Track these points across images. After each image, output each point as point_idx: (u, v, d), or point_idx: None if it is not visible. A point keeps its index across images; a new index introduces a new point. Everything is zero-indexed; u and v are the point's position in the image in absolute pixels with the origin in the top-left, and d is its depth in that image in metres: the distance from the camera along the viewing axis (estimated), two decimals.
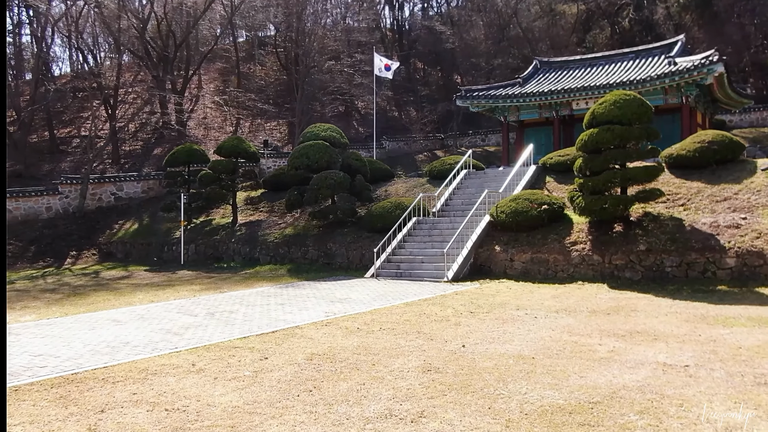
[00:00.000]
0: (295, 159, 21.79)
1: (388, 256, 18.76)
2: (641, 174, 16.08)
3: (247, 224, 24.97)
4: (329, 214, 21.55)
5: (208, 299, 14.60)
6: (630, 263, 15.68)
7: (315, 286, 16.67)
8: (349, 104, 45.83)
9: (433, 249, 18.44)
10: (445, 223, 19.61)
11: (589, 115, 16.98)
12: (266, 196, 27.40)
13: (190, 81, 52.85)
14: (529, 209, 17.70)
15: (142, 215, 29.66)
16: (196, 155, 27.19)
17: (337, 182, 21.16)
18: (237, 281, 18.55)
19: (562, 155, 21.40)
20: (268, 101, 48.38)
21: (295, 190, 22.47)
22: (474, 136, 45.64)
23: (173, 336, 10.16)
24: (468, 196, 21.38)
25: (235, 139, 25.80)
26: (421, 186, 23.94)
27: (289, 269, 20.75)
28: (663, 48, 28.64)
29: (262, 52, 56.60)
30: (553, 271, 16.63)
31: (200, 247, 24.76)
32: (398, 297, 14.18)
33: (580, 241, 16.79)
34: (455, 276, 16.87)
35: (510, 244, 17.69)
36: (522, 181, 20.82)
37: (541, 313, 11.76)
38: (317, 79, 40.84)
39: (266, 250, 22.68)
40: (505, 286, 15.61)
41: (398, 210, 20.47)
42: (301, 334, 10.18)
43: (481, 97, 29.45)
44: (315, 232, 22.35)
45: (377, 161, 26.95)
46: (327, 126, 23.04)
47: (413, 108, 49.58)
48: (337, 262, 20.76)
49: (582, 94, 27.06)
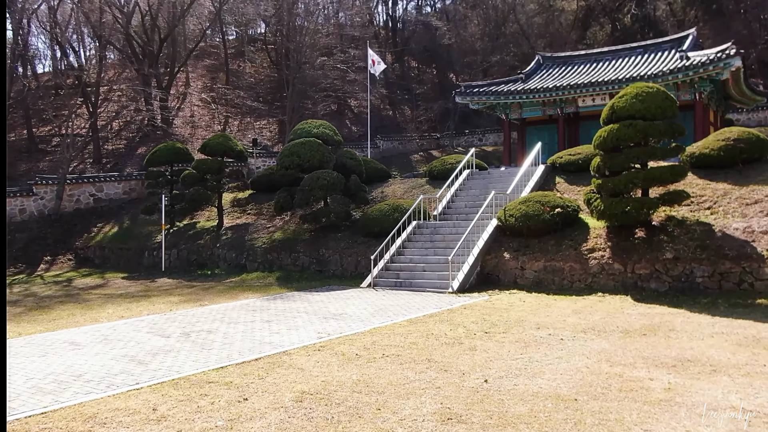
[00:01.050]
0: (284, 158, 20.17)
1: (387, 264, 17.19)
2: (666, 174, 14.57)
3: (234, 228, 23.32)
4: (322, 218, 19.94)
5: (185, 315, 12.95)
6: (655, 273, 14.16)
7: (306, 297, 15.05)
8: (342, 102, 44.21)
9: (436, 256, 16.87)
10: (447, 228, 18.05)
11: (607, 109, 15.46)
12: (254, 198, 25.75)
13: (178, 78, 51.16)
14: (540, 212, 16.16)
15: (123, 218, 27.93)
16: (180, 154, 25.51)
17: (331, 183, 19.56)
18: (220, 291, 16.90)
19: (573, 154, 19.89)
20: (257, 99, 46.70)
21: (284, 192, 20.85)
22: (471, 135, 44.12)
23: (137, 366, 8.53)
24: (472, 198, 19.83)
25: (221, 137, 24.15)
26: (420, 187, 22.36)
27: (279, 277, 19.11)
28: (673, 42, 27.21)
29: (252, 49, 54.87)
30: (569, 281, 15.10)
31: (183, 253, 23.07)
32: (400, 312, 12.59)
33: (598, 247, 15.26)
34: (461, 286, 15.31)
35: (520, 251, 16.14)
36: (530, 182, 19.29)
37: (566, 334, 10.21)
38: (309, 75, 39.21)
39: (254, 256, 21.03)
40: (518, 299, 14.05)
41: (396, 213, 18.90)
42: (290, 363, 8.57)
43: (481, 94, 27.91)
44: (306, 236, 20.73)
45: (373, 160, 25.36)
46: (319, 122, 21.44)
47: (408, 106, 48.03)
48: (330, 270, 19.15)
49: (589, 90, 25.56)
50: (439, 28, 45.09)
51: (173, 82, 48.88)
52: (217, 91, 46.81)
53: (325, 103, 41.69)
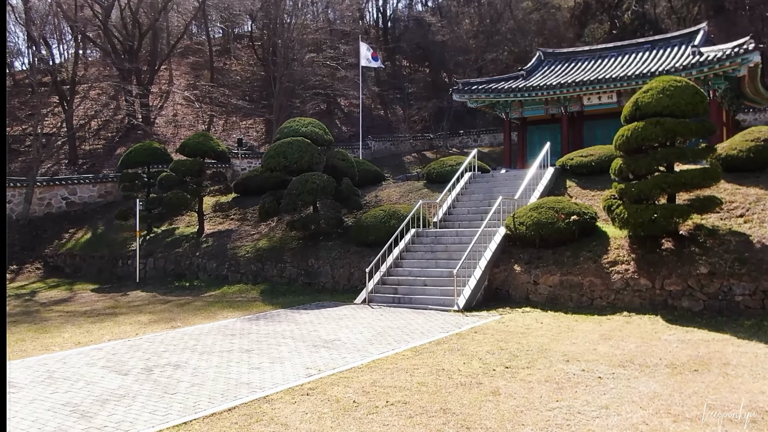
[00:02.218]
0: (270, 159, 18.41)
1: (383, 277, 15.48)
2: (699, 178, 12.97)
3: (215, 234, 21.52)
4: (311, 224, 18.21)
5: (152, 341, 11.17)
6: (688, 290, 12.55)
7: (293, 317, 13.31)
8: (331, 100, 42.44)
9: (438, 268, 15.18)
10: (449, 236, 16.37)
11: (630, 106, 13.85)
12: (238, 202, 23.96)
13: (161, 76, 49.22)
14: (554, 220, 14.53)
15: (97, 223, 26.03)
16: (157, 155, 23.69)
17: (321, 187, 17.84)
18: (197, 309, 15.11)
19: (585, 155, 18.28)
20: (243, 97, 44.81)
21: (270, 196, 19.10)
22: (465, 136, 42.47)
23: (78, 420, 6.77)
24: (475, 203, 18.18)
25: (201, 136, 22.35)
26: (417, 191, 20.68)
27: (263, 291, 17.36)
28: (683, 38, 25.74)
29: (238, 46, 52.99)
30: (589, 297, 13.46)
31: (159, 262, 21.24)
32: (401, 337, 10.90)
33: (620, 260, 13.63)
34: (467, 304, 13.63)
35: (532, 263, 14.49)
36: (539, 185, 17.66)
37: (603, 369, 8.55)
38: (297, 73, 37.41)
39: (236, 267, 19.25)
40: (534, 319, 12.39)
41: (393, 220, 17.20)
42: (271, 415, 6.86)
43: (480, 91, 26.29)
44: (294, 245, 18.98)
45: (366, 162, 23.67)
46: (308, 120, 19.70)
47: (400, 106, 46.31)
48: (320, 282, 17.42)
49: (595, 87, 24.02)
50: (433, 24, 43.42)
51: (155, 80, 47.04)
52: (202, 89, 44.90)
53: (314, 102, 39.91)
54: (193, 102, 43.37)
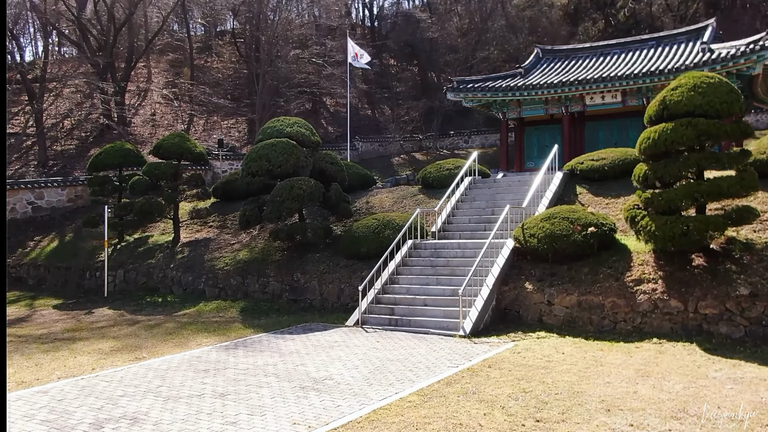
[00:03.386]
0: (251, 162, 16.72)
1: (377, 295, 13.86)
2: (736, 186, 11.49)
3: (192, 244, 19.77)
4: (296, 234, 16.54)
5: (110, 380, 9.45)
6: (726, 313, 11.07)
7: (277, 345, 11.65)
8: (317, 99, 40.72)
9: (440, 285, 13.60)
10: (451, 249, 14.79)
11: (657, 105, 12.35)
12: (218, 207, 22.21)
13: (139, 74, 47.25)
14: (569, 232, 13.00)
15: (65, 230, 24.14)
16: (130, 156, 21.87)
17: (307, 193, 16.19)
18: (168, 333, 13.39)
19: (596, 159, 16.79)
20: (225, 96, 42.97)
21: (251, 203, 17.40)
22: (456, 137, 41.00)
23: None
24: (476, 211, 16.62)
25: (177, 137, 20.57)
26: (412, 196, 19.08)
27: (243, 309, 15.67)
28: (690, 34, 24.41)
29: (220, 43, 51.10)
30: (612, 321, 11.95)
31: (130, 274, 19.46)
32: (404, 374, 9.29)
33: (646, 278, 12.13)
34: (474, 328, 12.06)
35: (545, 281, 12.95)
36: (548, 192, 16.14)
37: (654, 423, 7.02)
38: (282, 69, 35.68)
39: (214, 280, 17.53)
40: (553, 348, 10.84)
41: (388, 230, 15.60)
42: None
43: (477, 90, 24.78)
44: (278, 256, 17.30)
45: (355, 165, 22.04)
46: (293, 120, 18.03)
47: (388, 106, 44.71)
48: (306, 299, 15.76)
49: (600, 86, 22.62)
50: (422, 21, 41.87)
51: (132, 78, 45.07)
52: (181, 87, 43.00)
53: (299, 101, 38.18)
54: (172, 101, 41.47)
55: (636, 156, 16.61)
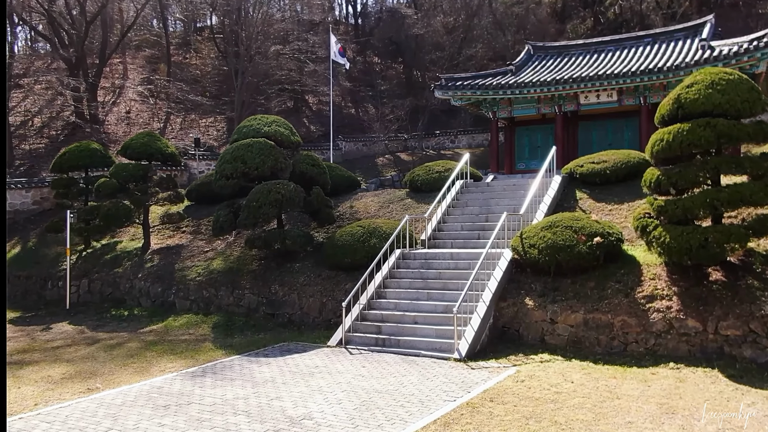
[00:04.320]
0: (225, 164, 15.40)
1: (363, 311, 12.62)
2: (759, 194, 10.39)
3: (163, 251, 18.39)
4: (274, 242, 15.23)
5: (52, 420, 8.11)
6: (751, 335, 9.98)
7: (251, 372, 10.36)
8: (298, 97, 39.34)
9: (431, 301, 12.39)
10: (442, 259, 13.58)
11: (671, 104, 11.24)
12: (192, 211, 20.84)
13: (114, 70, 45.57)
14: (573, 243, 11.85)
15: (29, 235, 22.60)
16: (96, 157, 20.40)
17: (286, 197, 14.90)
18: (129, 355, 12.04)
19: (596, 162, 15.67)
20: (204, 93, 41.42)
21: (225, 208, 16.07)
22: (442, 136, 39.78)
23: None
24: (469, 217, 15.43)
25: (147, 136, 19.16)
26: (399, 201, 17.84)
27: (216, 325, 14.34)
28: (687, 31, 23.44)
29: (199, 38, 49.49)
30: (622, 341, 10.82)
31: (96, 284, 18.04)
32: (394, 410, 8.06)
33: (659, 294, 11.01)
34: (470, 349, 10.86)
35: (548, 297, 11.79)
36: (546, 197, 14.99)
37: None
38: (262, 66, 34.25)
39: (185, 292, 16.18)
40: (559, 374, 9.67)
41: (374, 238, 14.37)
42: None
43: (466, 87, 23.61)
44: (254, 266, 15.99)
45: (338, 167, 20.74)
46: (272, 118, 16.73)
47: (372, 104, 43.43)
48: (285, 314, 14.47)
49: (595, 84, 21.55)
50: (408, 17, 40.64)
51: (107, 74, 43.42)
52: (158, 83, 41.38)
53: (281, 99, 36.80)
54: (148, 98, 39.87)
55: (640, 159, 15.66)
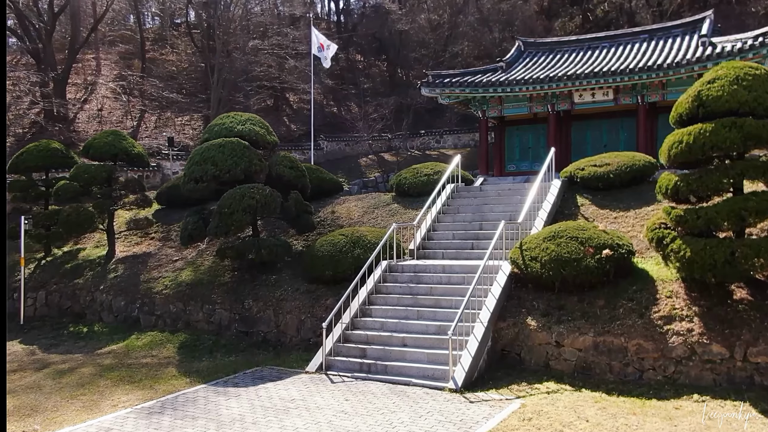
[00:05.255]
0: (194, 166, 14.00)
1: (346, 331, 11.32)
2: None
3: (129, 260, 16.93)
4: (247, 253, 13.86)
5: None
6: None
7: (216, 407, 9.00)
8: (278, 95, 37.89)
9: (422, 320, 11.11)
10: (434, 272, 12.30)
11: (690, 100, 10.07)
12: (162, 216, 19.38)
13: (86, 66, 43.79)
14: (580, 256, 10.64)
15: None
16: (58, 157, 18.88)
17: (261, 203, 13.56)
18: (81, 382, 10.62)
19: (598, 165, 14.50)
20: (180, 91, 39.80)
21: (195, 215, 14.66)
22: (426, 136, 38.55)
23: None
24: (462, 225, 14.17)
25: (111, 135, 17.70)
26: (384, 206, 16.54)
27: (182, 345, 12.95)
28: (685, 27, 22.40)
29: (175, 33, 47.81)
30: (637, 368, 9.63)
31: (54, 297, 16.55)
32: None
33: (678, 315, 9.84)
34: (468, 378, 9.61)
35: (552, 316, 10.57)
36: (545, 203, 13.78)
37: None
38: (240, 62, 32.75)
39: (150, 307, 14.75)
40: (571, 409, 8.45)
41: (358, 248, 13.08)
42: None
43: (454, 85, 22.36)
44: (227, 278, 14.61)
45: (319, 168, 19.36)
46: (246, 116, 15.34)
47: (355, 103, 42.10)
48: (260, 332, 13.11)
49: (591, 82, 20.41)
50: (392, 12, 39.35)
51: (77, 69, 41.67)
52: (131, 80, 39.67)
53: (259, 97, 35.30)
54: (120, 95, 38.17)
55: (645, 162, 14.54)
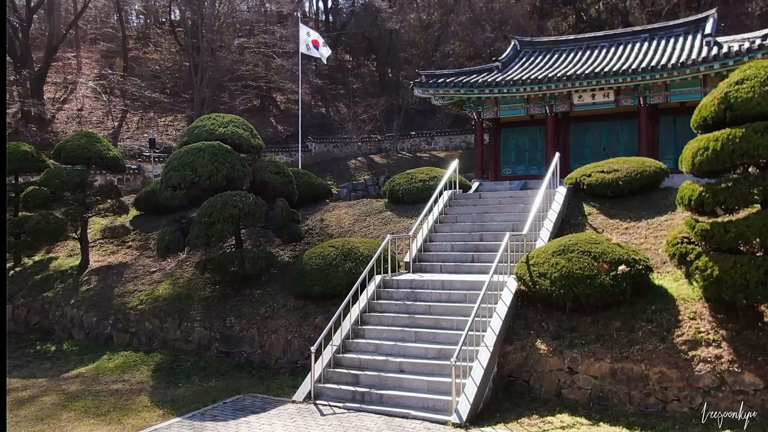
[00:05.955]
0: (172, 172, 12.93)
1: (337, 354, 10.30)
2: None
3: (103, 271, 15.82)
4: (229, 265, 12.81)
5: None
6: None
7: None
8: (265, 95, 36.77)
9: (420, 343, 10.13)
10: (432, 289, 11.30)
11: (716, 103, 9.16)
12: (140, 222, 18.29)
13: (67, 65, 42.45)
14: (594, 272, 9.71)
15: None
16: (28, 161, 17.67)
17: (244, 212, 12.52)
18: (40, 415, 9.53)
19: (606, 170, 13.57)
20: (163, 90, 38.59)
21: (173, 224, 13.57)
22: (417, 137, 37.62)
23: None
24: (460, 235, 13.20)
25: (84, 137, 16.57)
26: (377, 213, 15.53)
27: (158, 368, 11.87)
28: (688, 26, 21.58)
29: (158, 31, 46.56)
30: (660, 398, 8.70)
31: (21, 311, 15.40)
32: None
33: (704, 339, 8.92)
34: (473, 410, 8.63)
35: (563, 339, 9.62)
36: (550, 213, 12.84)
37: None
38: (225, 60, 31.64)
39: (124, 323, 13.66)
40: None
41: (349, 262, 12.07)
42: None
43: (449, 85, 21.41)
44: (207, 292, 13.55)
45: (307, 173, 18.29)
46: (229, 117, 14.28)
47: (344, 103, 41.09)
48: (243, 353, 12.07)
49: (591, 82, 19.55)
50: (383, 10, 38.37)
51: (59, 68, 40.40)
52: (113, 79, 38.42)
53: (245, 97, 34.19)
54: (101, 94, 36.92)
55: (656, 168, 13.65)
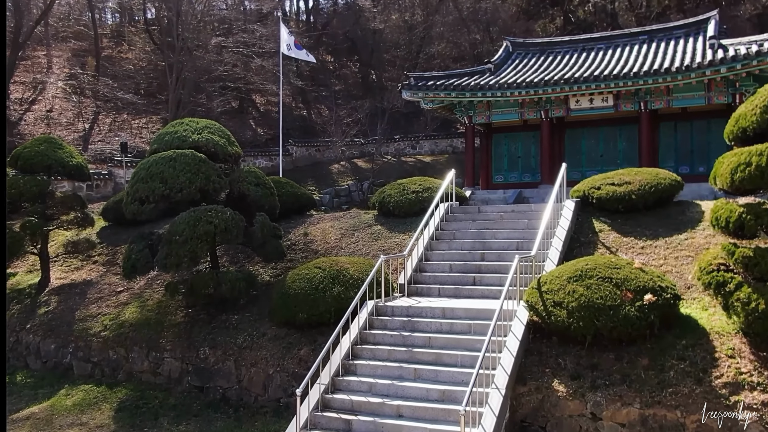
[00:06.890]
0: (139, 183, 11.59)
1: (325, 395, 9.03)
2: None
3: (65, 290, 14.39)
4: (203, 288, 11.49)
5: None
6: None
7: None
8: (244, 96, 35.34)
9: (420, 382, 8.91)
10: (432, 317, 10.08)
11: (758, 112, 8.17)
12: (108, 235, 16.85)
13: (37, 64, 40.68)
14: (617, 302, 8.57)
15: None
16: None
17: (220, 229, 11.22)
18: None
19: (617, 183, 12.45)
20: (137, 91, 36.99)
21: (140, 242, 12.20)
22: (402, 141, 36.40)
23: None
24: (459, 254, 11.98)
25: (44, 143, 15.10)
26: (365, 227, 14.28)
27: (121, 406, 10.52)
28: (689, 28, 20.68)
29: (133, 30, 44.90)
30: None
31: None
32: None
33: (747, 381, 7.83)
34: None
35: (584, 379, 8.47)
36: (559, 230, 11.69)
37: None
38: (202, 60, 30.16)
39: (86, 352, 12.27)
40: None
41: (338, 285, 10.82)
42: None
43: (439, 88, 20.27)
44: (179, 317, 12.20)
45: (289, 182, 16.94)
46: (204, 123, 12.95)
47: (326, 105, 39.78)
48: (218, 389, 10.75)
49: (591, 86, 18.57)
50: (366, 9, 37.17)
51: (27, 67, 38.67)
52: (84, 79, 36.74)
53: (224, 98, 32.75)
54: (71, 95, 35.25)
55: (671, 180, 12.57)
